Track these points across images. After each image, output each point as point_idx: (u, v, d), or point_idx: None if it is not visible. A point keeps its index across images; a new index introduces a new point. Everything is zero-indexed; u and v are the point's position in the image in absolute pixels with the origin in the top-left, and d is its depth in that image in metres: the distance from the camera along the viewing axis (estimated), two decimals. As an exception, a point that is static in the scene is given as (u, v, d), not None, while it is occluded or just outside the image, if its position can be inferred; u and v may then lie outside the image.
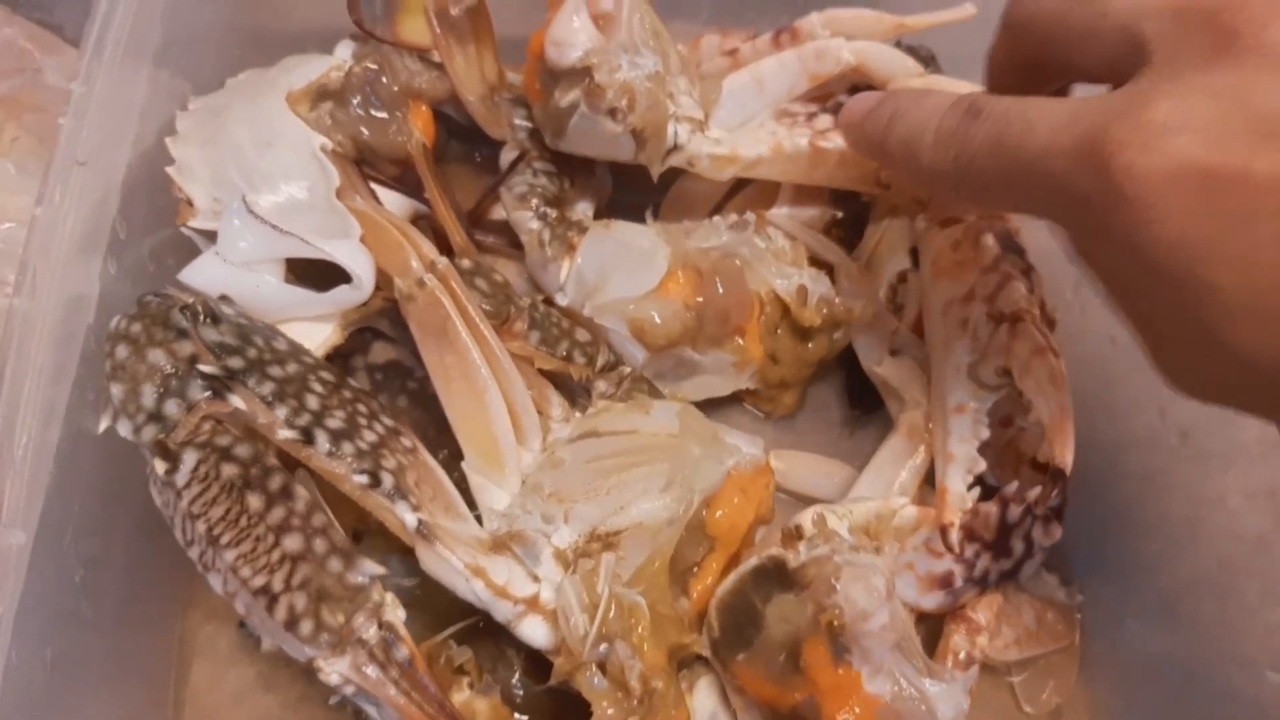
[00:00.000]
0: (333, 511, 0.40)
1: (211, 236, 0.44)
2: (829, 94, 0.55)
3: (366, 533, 0.45)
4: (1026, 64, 0.38)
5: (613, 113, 0.47)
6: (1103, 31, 0.32)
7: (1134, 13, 0.31)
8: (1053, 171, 0.31)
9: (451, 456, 0.45)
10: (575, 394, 0.50)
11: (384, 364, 0.49)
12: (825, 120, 0.53)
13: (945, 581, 0.47)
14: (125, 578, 0.43)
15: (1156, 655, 0.51)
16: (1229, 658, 0.47)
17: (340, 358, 0.48)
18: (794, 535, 0.41)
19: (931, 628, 0.49)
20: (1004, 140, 0.32)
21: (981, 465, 0.49)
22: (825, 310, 0.52)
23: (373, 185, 0.51)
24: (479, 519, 0.43)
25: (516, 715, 0.43)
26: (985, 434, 0.49)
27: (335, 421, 0.39)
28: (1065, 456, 0.45)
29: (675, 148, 0.50)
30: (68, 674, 0.38)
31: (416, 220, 0.53)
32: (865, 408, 0.56)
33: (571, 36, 0.47)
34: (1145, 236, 0.28)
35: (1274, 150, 0.27)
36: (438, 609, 0.44)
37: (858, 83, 0.55)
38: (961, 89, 0.41)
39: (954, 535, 0.47)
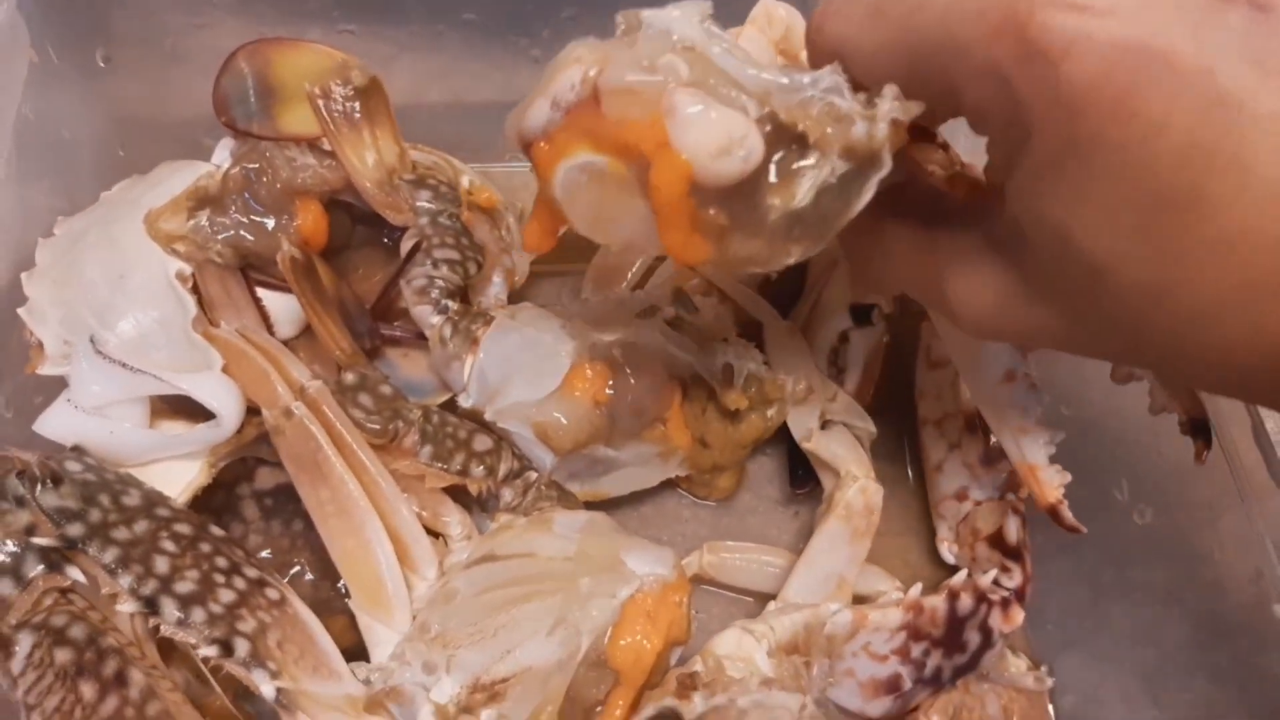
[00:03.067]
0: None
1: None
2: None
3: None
4: None
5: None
6: None
7: None
8: (960, 40, 0.27)
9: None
10: (485, 500, 0.47)
11: (272, 489, 0.46)
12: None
13: (892, 685, 0.44)
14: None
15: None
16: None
17: (224, 487, 0.45)
18: (689, 684, 0.38)
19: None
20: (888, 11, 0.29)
21: (1060, 434, 0.46)
22: (754, 389, 0.49)
23: (262, 291, 0.49)
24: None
25: None
26: (1044, 399, 0.46)
27: (186, 585, 0.36)
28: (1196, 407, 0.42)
29: None
30: None
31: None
32: (808, 486, 0.53)
33: (726, 126, 0.31)
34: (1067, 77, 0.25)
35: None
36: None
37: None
38: None
39: (1066, 512, 0.45)
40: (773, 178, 0.32)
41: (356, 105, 0.50)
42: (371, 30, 0.54)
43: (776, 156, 0.32)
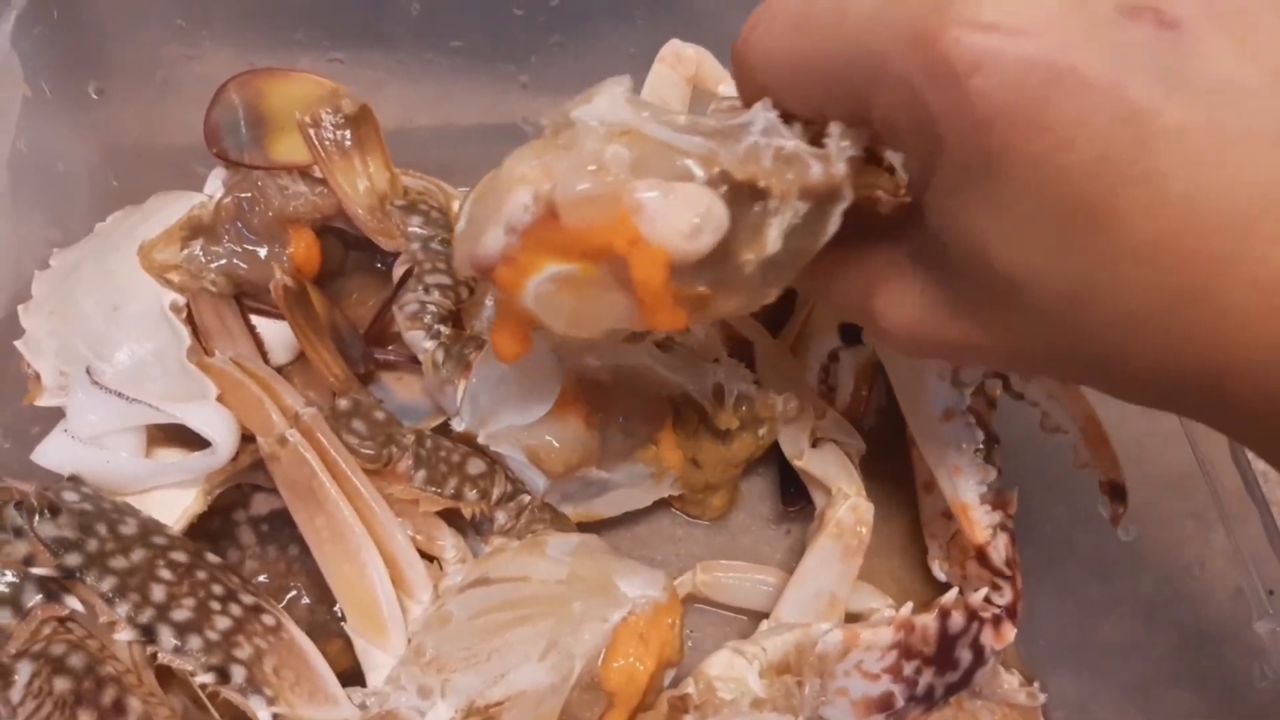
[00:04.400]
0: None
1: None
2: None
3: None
4: None
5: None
6: None
7: None
8: (877, 52, 0.27)
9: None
10: (479, 524, 0.48)
11: (268, 514, 0.46)
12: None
13: (885, 704, 0.45)
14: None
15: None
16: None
17: (220, 513, 0.45)
18: (680, 707, 0.38)
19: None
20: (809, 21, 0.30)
21: (993, 474, 0.47)
22: (745, 408, 0.49)
23: (256, 318, 0.49)
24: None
25: None
26: (981, 435, 0.47)
27: (182, 612, 0.37)
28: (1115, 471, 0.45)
29: None
30: None
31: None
32: (800, 504, 0.53)
33: (692, 205, 0.32)
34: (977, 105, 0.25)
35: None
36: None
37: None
38: None
39: (994, 554, 0.47)
40: (742, 234, 0.33)
41: (347, 133, 0.51)
42: (360, 58, 0.55)
43: (741, 213, 0.33)
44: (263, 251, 0.49)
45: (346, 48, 0.54)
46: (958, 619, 0.45)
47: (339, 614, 0.44)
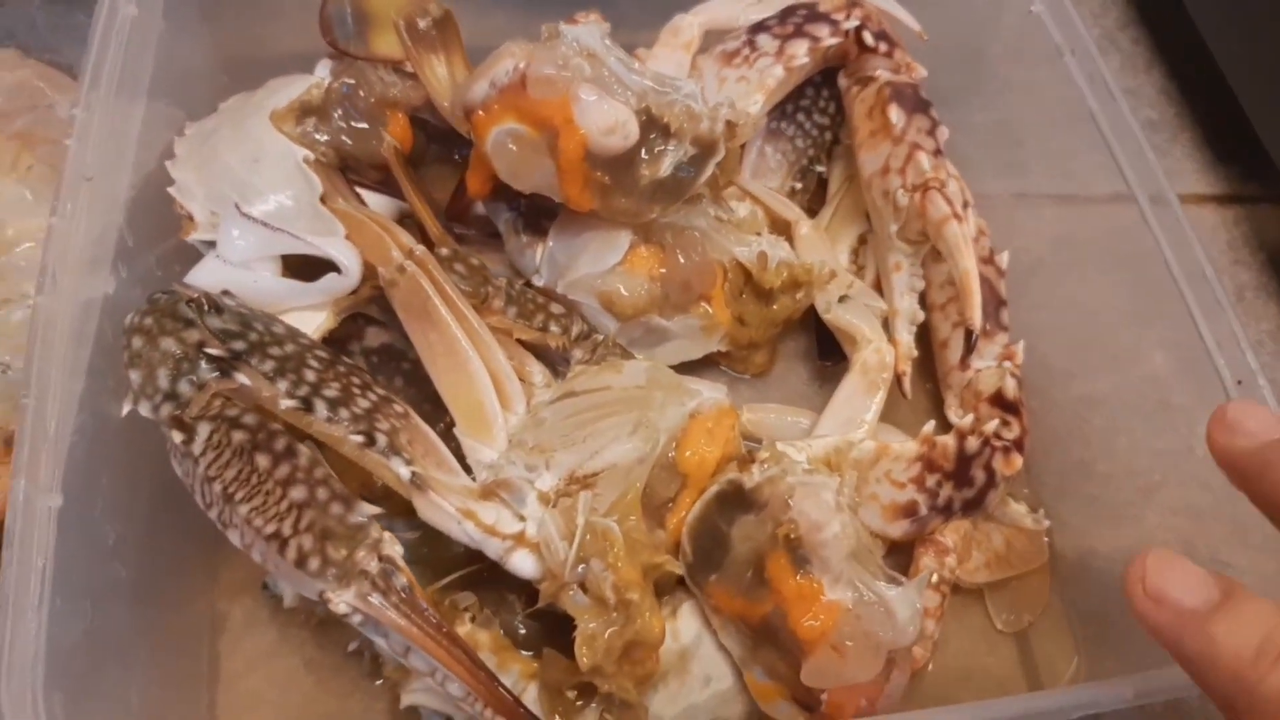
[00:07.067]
0: (342, 482, 0.44)
1: (213, 246, 0.49)
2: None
3: (372, 500, 0.49)
4: None
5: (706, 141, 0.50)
6: None
7: None
8: None
9: (448, 429, 0.48)
10: (557, 364, 0.55)
11: (378, 347, 0.53)
12: (794, 47, 0.59)
13: (910, 510, 0.51)
14: (151, 549, 0.47)
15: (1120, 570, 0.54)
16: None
17: (336, 343, 0.52)
18: (749, 460, 0.45)
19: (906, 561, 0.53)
20: None
21: (921, 316, 0.57)
22: (785, 272, 0.56)
23: (358, 189, 0.56)
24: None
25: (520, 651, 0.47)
26: (920, 285, 0.58)
27: (331, 391, 0.43)
28: (974, 315, 0.51)
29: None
30: (106, 631, 0.43)
31: (401, 218, 0.58)
32: (834, 359, 0.60)
33: (614, 114, 0.46)
34: None
35: None
36: (442, 562, 0.48)
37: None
38: None
39: (907, 384, 0.56)
40: (644, 155, 0.48)
41: (434, 33, 0.58)
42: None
43: (648, 139, 0.48)
44: (366, 130, 0.56)
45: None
46: (973, 443, 0.52)
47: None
